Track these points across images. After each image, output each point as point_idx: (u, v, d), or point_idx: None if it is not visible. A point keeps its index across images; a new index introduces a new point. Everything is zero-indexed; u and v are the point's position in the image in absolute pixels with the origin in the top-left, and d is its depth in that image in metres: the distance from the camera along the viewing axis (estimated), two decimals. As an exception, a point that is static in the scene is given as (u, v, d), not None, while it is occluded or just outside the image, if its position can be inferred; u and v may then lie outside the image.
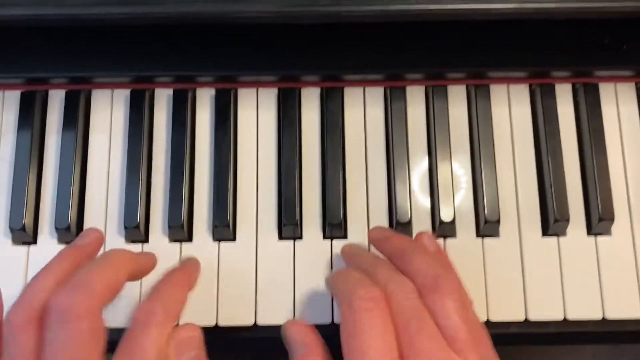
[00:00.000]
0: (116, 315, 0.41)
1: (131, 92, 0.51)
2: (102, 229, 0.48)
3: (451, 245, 0.48)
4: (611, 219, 0.47)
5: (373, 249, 0.46)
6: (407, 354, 0.34)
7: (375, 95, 0.51)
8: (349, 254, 0.46)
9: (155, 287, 0.41)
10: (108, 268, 0.38)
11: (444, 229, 0.48)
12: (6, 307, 0.37)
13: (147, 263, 0.44)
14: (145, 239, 0.48)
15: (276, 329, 0.46)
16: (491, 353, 0.37)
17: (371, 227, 0.48)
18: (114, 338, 0.36)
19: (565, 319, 0.47)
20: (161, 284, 0.41)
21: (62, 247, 0.48)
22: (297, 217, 0.48)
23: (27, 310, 0.35)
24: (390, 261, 0.41)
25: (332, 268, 0.48)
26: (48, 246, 0.48)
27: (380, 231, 0.46)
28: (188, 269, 0.45)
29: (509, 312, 0.47)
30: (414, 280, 0.37)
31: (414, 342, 0.34)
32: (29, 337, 0.34)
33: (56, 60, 0.50)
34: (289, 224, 0.48)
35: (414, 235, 0.48)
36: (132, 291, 0.46)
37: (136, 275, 0.43)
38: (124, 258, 0.40)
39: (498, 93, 0.51)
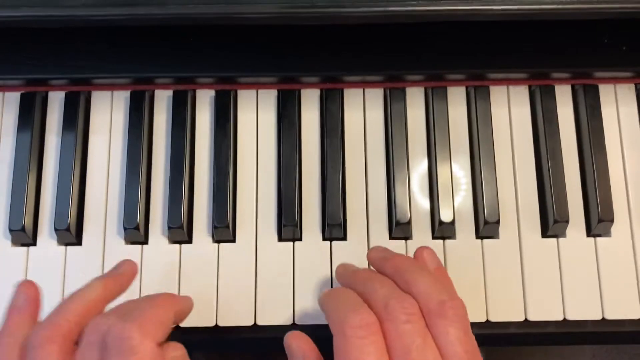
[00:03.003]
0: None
1: (131, 93, 0.51)
2: (102, 230, 0.48)
3: (451, 246, 0.48)
4: (611, 220, 0.48)
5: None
6: None
7: (375, 97, 0.51)
8: (343, 274, 0.44)
9: (134, 302, 0.39)
10: (161, 308, 0.37)
11: (443, 230, 0.48)
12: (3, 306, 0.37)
13: (189, 305, 0.43)
14: (145, 240, 0.48)
15: (276, 329, 0.46)
16: None
17: (371, 228, 0.48)
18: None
19: (564, 319, 0.47)
20: (142, 299, 0.40)
21: (61, 248, 0.48)
22: (297, 218, 0.48)
23: (52, 329, 0.35)
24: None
25: (331, 269, 0.48)
26: (47, 247, 0.48)
27: (380, 251, 0.44)
28: (179, 298, 0.43)
29: (508, 312, 0.47)
30: (417, 302, 0.37)
31: None
32: (50, 354, 0.34)
33: (56, 61, 0.50)
34: (288, 225, 0.48)
35: (414, 235, 0.48)
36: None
37: (180, 317, 0.42)
38: (171, 299, 0.40)
39: (498, 94, 0.51)
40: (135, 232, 0.47)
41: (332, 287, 0.47)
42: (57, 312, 0.37)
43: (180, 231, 0.48)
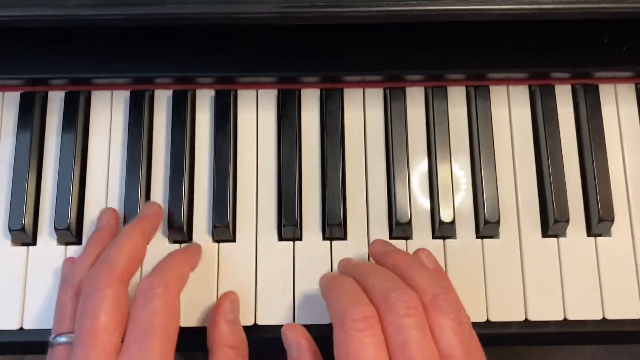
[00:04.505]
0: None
1: (131, 93, 0.51)
2: (102, 230, 0.48)
3: (451, 246, 0.48)
4: (611, 219, 0.48)
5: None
6: None
7: (375, 96, 0.51)
8: (346, 267, 0.45)
9: (157, 265, 0.44)
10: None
11: (443, 230, 0.48)
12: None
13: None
14: (145, 240, 0.48)
15: (276, 329, 0.46)
16: None
17: (371, 228, 0.48)
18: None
19: (565, 319, 0.47)
20: (162, 261, 0.44)
21: (61, 248, 0.48)
22: (297, 217, 0.48)
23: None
24: None
25: (331, 269, 0.48)
26: (47, 247, 0.48)
27: (382, 244, 0.46)
28: (190, 249, 0.47)
29: (509, 312, 0.47)
30: None
31: None
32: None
33: (56, 61, 0.50)
34: (288, 225, 0.48)
35: (414, 235, 0.48)
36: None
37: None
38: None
39: (498, 94, 0.51)
40: (135, 232, 0.47)
41: (332, 287, 0.47)
42: (110, 257, 0.42)
43: (180, 231, 0.48)
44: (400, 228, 0.48)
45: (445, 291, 0.38)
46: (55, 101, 0.51)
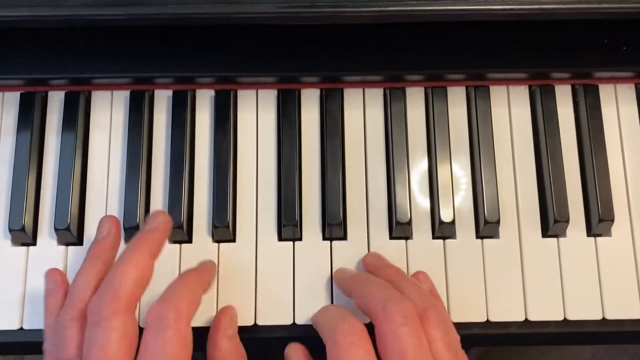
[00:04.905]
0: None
1: (131, 93, 0.51)
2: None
3: (451, 246, 0.48)
4: (611, 219, 0.48)
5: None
6: None
7: (375, 96, 0.51)
8: (341, 278, 0.46)
9: (168, 288, 0.42)
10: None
11: (443, 230, 0.48)
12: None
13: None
14: (145, 240, 0.48)
15: (276, 329, 0.46)
16: None
17: (371, 228, 0.48)
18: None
19: (565, 319, 0.47)
20: (174, 284, 0.42)
21: (61, 248, 0.48)
22: (297, 217, 0.48)
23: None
24: None
25: (331, 269, 0.48)
26: (47, 247, 0.48)
27: (375, 258, 0.47)
28: (202, 270, 0.46)
29: (508, 312, 0.47)
30: None
31: None
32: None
33: (56, 61, 0.50)
34: (288, 225, 0.48)
35: (414, 235, 0.48)
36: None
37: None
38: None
39: (498, 94, 0.51)
40: (136, 231, 0.47)
41: (332, 287, 0.47)
42: (116, 282, 0.39)
43: (180, 231, 0.48)
44: (400, 228, 0.48)
45: (433, 305, 0.40)
46: (55, 101, 0.51)
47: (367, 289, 0.41)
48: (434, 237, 0.48)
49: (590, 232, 0.49)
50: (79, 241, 0.48)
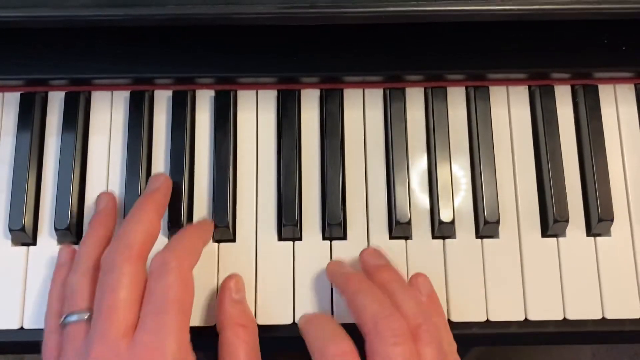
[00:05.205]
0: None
1: (131, 93, 0.51)
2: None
3: (451, 246, 0.48)
4: (610, 219, 0.48)
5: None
6: None
7: (375, 97, 0.51)
8: (335, 275, 0.46)
9: (170, 240, 0.45)
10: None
11: (443, 230, 0.48)
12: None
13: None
14: (145, 240, 0.48)
15: (276, 329, 0.46)
16: None
17: (371, 228, 0.48)
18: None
19: (565, 319, 0.47)
20: (175, 237, 0.45)
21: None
22: (297, 217, 0.48)
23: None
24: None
25: (331, 269, 0.48)
26: (48, 247, 0.48)
27: (374, 256, 0.46)
28: (202, 225, 0.47)
29: (508, 312, 0.47)
30: None
31: None
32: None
33: (56, 61, 0.50)
34: (288, 225, 0.48)
35: (414, 235, 0.48)
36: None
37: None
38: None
39: (497, 94, 0.51)
40: (135, 232, 0.47)
41: (332, 287, 0.47)
42: (127, 234, 0.42)
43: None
44: (400, 228, 0.48)
45: (426, 321, 0.40)
46: (55, 101, 0.51)
47: (360, 300, 0.41)
48: (433, 237, 0.49)
49: (589, 232, 0.49)
50: (79, 241, 0.48)
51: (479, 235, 0.49)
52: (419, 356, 0.38)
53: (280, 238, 0.48)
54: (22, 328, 0.47)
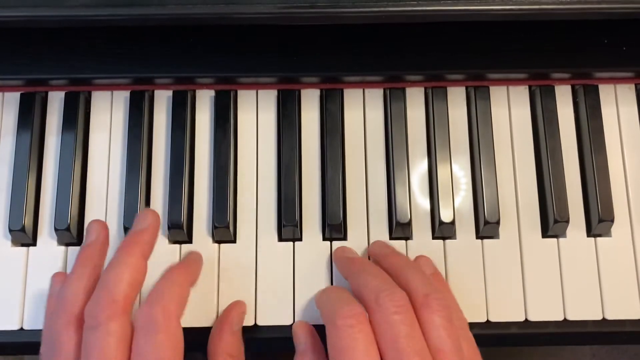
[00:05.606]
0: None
1: (131, 93, 0.51)
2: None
3: (451, 246, 0.48)
4: (611, 220, 0.48)
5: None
6: None
7: (375, 97, 0.51)
8: (340, 259, 0.47)
9: (155, 286, 0.42)
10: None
11: (443, 230, 0.48)
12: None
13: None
14: (145, 240, 0.48)
15: (276, 330, 0.46)
16: None
17: (371, 228, 0.48)
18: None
19: (565, 319, 0.47)
20: (161, 283, 0.42)
21: (61, 248, 0.48)
22: (297, 218, 0.48)
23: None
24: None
25: (331, 269, 0.48)
26: (47, 247, 0.48)
27: (381, 246, 0.47)
28: (188, 264, 0.46)
29: (509, 312, 0.47)
30: (409, 297, 0.39)
31: (402, 359, 0.36)
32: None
33: (56, 61, 0.50)
34: (288, 225, 0.48)
35: (414, 235, 0.48)
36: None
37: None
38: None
39: (498, 94, 0.51)
40: (135, 232, 0.47)
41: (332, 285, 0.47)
42: (111, 284, 0.40)
43: (180, 231, 0.47)
44: (400, 228, 0.48)
45: (436, 291, 0.40)
46: (55, 101, 0.51)
47: (361, 278, 0.41)
48: (434, 238, 0.48)
49: (590, 232, 0.49)
50: (79, 241, 0.48)
51: (479, 235, 0.49)
52: (429, 324, 0.38)
53: (281, 238, 0.48)
54: (21, 329, 0.47)
